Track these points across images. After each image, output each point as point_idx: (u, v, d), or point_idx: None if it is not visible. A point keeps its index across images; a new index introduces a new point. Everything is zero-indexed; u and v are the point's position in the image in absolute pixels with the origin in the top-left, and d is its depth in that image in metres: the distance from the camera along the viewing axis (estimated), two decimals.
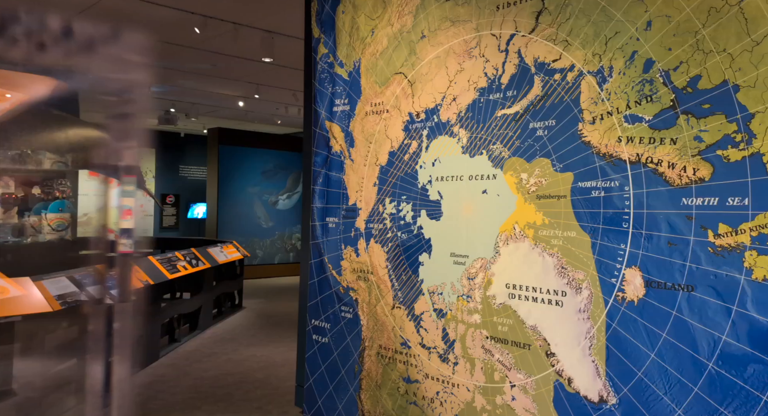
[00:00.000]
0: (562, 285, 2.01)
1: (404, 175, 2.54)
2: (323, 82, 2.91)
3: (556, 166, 2.04)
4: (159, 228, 12.34)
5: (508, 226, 2.17)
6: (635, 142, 1.85)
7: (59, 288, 3.68)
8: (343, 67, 2.81)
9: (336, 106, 2.84)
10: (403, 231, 2.54)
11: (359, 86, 2.73)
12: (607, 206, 1.91)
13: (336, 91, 2.84)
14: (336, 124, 2.84)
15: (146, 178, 12.36)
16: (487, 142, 2.24)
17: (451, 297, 2.35)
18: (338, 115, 2.83)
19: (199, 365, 4.89)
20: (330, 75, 2.87)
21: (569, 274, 1.99)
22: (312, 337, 2.93)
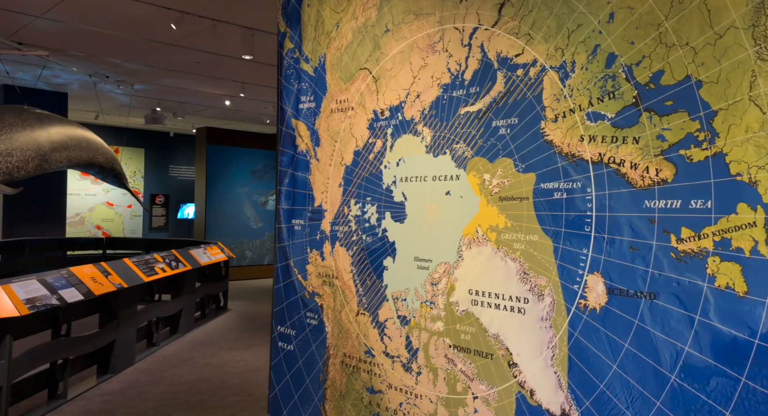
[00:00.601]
0: (525, 291, 1.96)
1: (369, 175, 2.48)
2: (289, 78, 2.86)
3: (519, 167, 1.99)
4: (148, 229, 12.33)
5: (471, 229, 2.12)
6: (597, 141, 1.79)
7: (29, 292, 3.64)
8: (308, 63, 2.76)
9: (302, 103, 2.79)
10: (367, 234, 2.49)
11: (325, 82, 2.68)
12: (569, 208, 1.86)
13: (302, 88, 2.79)
14: (302, 121, 2.80)
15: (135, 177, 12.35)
16: (451, 141, 2.19)
17: (414, 304, 2.30)
18: (304, 113, 2.78)
19: (176, 370, 4.85)
20: (296, 71, 2.82)
21: (531, 280, 1.94)
22: (278, 344, 2.88)
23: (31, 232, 8.29)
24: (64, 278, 4.06)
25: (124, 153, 12.13)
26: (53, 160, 6.28)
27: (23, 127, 5.83)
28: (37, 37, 5.99)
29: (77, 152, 6.60)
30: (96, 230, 11.61)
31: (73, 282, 4.09)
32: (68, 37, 5.96)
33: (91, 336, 4.32)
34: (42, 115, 6.21)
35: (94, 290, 4.21)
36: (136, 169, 12.23)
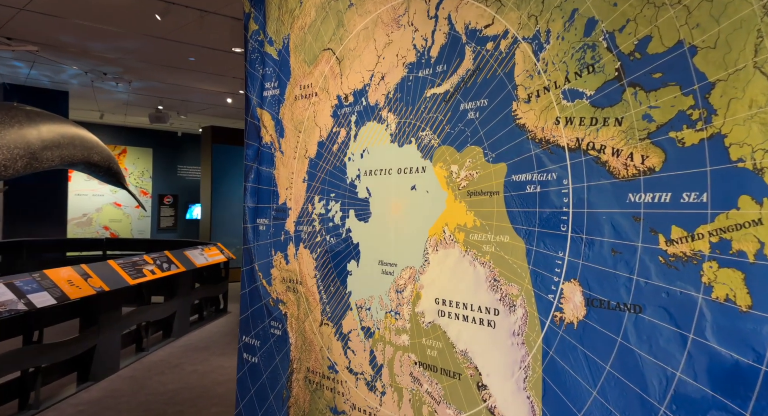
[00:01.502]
0: (495, 301, 1.73)
1: (333, 168, 2.28)
2: (254, 63, 2.67)
3: (489, 156, 1.76)
4: (156, 230, 12.34)
5: (437, 229, 1.90)
6: (575, 124, 1.55)
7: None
8: (272, 45, 2.57)
9: (266, 90, 2.61)
10: (331, 235, 2.28)
11: (288, 66, 2.49)
12: (543, 204, 1.62)
13: (266, 73, 2.60)
14: (266, 111, 2.61)
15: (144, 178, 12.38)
16: (417, 128, 1.97)
17: (379, 314, 2.08)
18: (268, 101, 2.59)
19: (161, 378, 4.72)
20: (260, 54, 2.63)
21: (502, 288, 1.71)
22: (243, 356, 2.69)
23: (32, 233, 8.31)
24: (35, 281, 3.96)
25: (132, 153, 12.18)
26: (44, 159, 6.22)
27: (11, 124, 5.77)
28: (25, 32, 5.96)
29: (70, 150, 6.54)
30: (104, 231, 11.68)
31: (45, 286, 3.98)
32: (55, 31, 5.91)
33: (66, 343, 4.21)
34: (32, 113, 6.16)
35: (70, 294, 4.10)
36: (145, 169, 12.27)
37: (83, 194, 11.37)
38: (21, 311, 3.61)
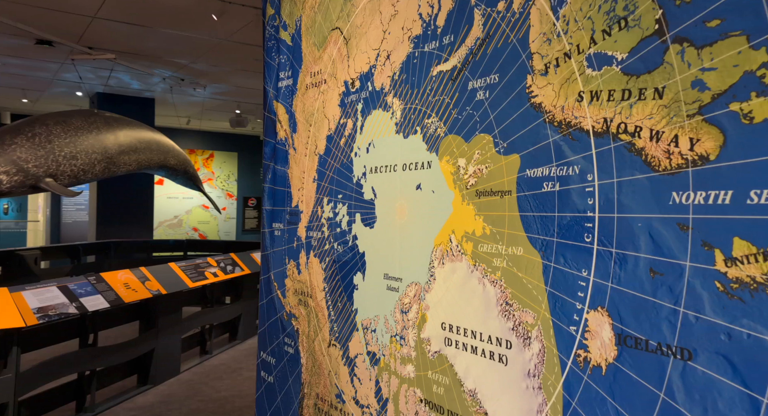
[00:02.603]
0: (507, 331, 1.38)
1: (340, 166, 2.02)
2: (270, 51, 2.48)
3: (500, 146, 1.41)
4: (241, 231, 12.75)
5: (443, 237, 1.58)
6: (602, 100, 1.18)
7: (43, 300, 3.64)
8: (286, 30, 2.36)
9: (281, 80, 2.40)
10: (339, 242, 2.02)
11: (301, 52, 2.26)
12: (563, 207, 1.26)
13: (281, 62, 2.40)
14: (281, 103, 2.40)
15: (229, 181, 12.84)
16: (422, 114, 1.66)
17: (384, 337, 1.80)
18: (283, 92, 2.39)
19: (217, 383, 4.70)
20: (276, 41, 2.43)
21: (515, 315, 1.36)
22: (261, 374, 2.50)
23: (122, 234, 8.82)
24: (90, 285, 4.05)
25: (219, 157, 12.67)
26: (121, 163, 6.49)
27: (89, 130, 6.04)
28: (102, 40, 6.25)
29: (147, 155, 6.79)
30: (193, 232, 12.24)
31: (100, 289, 4.07)
32: (128, 38, 6.15)
33: (121, 346, 4.29)
34: (111, 118, 6.45)
35: (125, 297, 4.16)
36: (230, 172, 12.74)
37: (174, 197, 11.99)
38: (72, 315, 3.69)
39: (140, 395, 4.46)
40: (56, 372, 3.72)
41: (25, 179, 5.26)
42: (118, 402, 4.29)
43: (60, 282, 3.91)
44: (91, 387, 4.06)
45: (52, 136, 5.58)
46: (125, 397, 4.38)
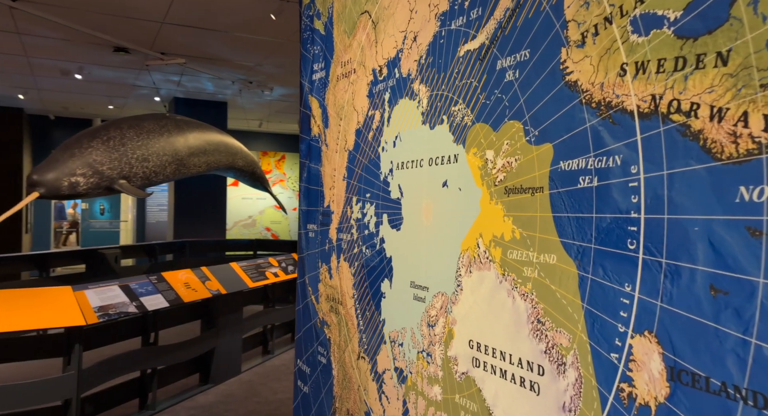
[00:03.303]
0: (539, 354, 1.17)
1: (368, 162, 1.86)
2: (306, 43, 2.36)
3: (530, 134, 1.20)
4: None
5: (470, 242, 1.38)
6: (649, 72, 0.95)
7: (105, 299, 3.72)
8: (320, 19, 2.22)
9: (314, 72, 2.27)
10: (367, 245, 1.86)
11: (332, 41, 2.12)
12: (602, 206, 1.03)
13: (315, 53, 2.27)
14: (315, 97, 2.27)
15: None
16: (449, 101, 1.47)
17: (411, 353, 1.61)
18: (316, 85, 2.25)
19: (275, 384, 4.68)
20: (311, 32, 2.31)
21: (548, 335, 1.14)
22: (297, 383, 2.39)
23: (197, 234, 9.12)
24: (151, 284, 4.12)
25: (290, 159, 12.86)
26: (191, 165, 6.64)
27: (161, 133, 6.22)
28: (171, 46, 6.43)
29: (216, 156, 6.92)
30: (266, 231, 12.51)
31: (161, 289, 4.13)
32: (195, 42, 6.28)
33: (181, 345, 4.34)
34: (181, 122, 6.62)
35: (184, 297, 4.21)
36: None
37: (248, 198, 12.30)
38: (131, 314, 3.76)
39: (201, 394, 4.51)
40: (118, 369, 3.80)
41: (100, 181, 5.48)
42: (179, 400, 4.35)
43: (122, 281, 4.00)
44: (152, 385, 4.13)
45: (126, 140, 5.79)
46: (187, 396, 4.44)
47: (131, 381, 4.12)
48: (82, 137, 5.51)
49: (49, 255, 6.88)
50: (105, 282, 3.90)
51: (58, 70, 7.83)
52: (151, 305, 3.92)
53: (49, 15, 5.49)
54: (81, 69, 7.61)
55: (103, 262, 7.30)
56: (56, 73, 8.00)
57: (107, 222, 18.10)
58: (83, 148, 5.41)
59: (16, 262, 6.63)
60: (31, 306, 3.44)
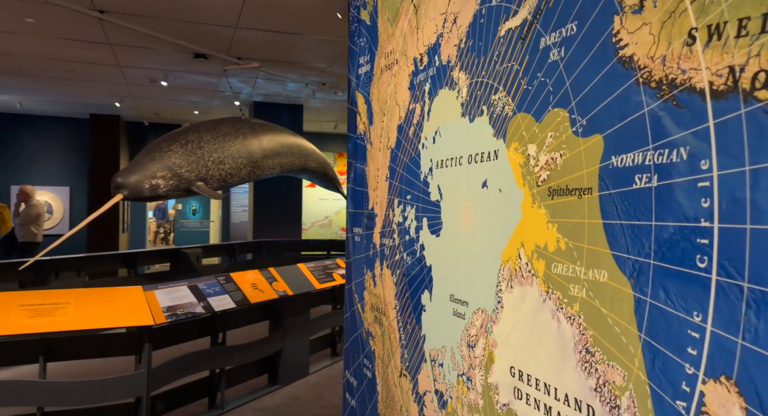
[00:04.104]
0: (588, 390, 0.95)
1: (409, 160, 1.69)
2: (353, 35, 2.22)
3: (577, 124, 0.99)
4: None
5: (511, 252, 1.18)
6: (726, 37, 0.72)
7: (173, 299, 3.78)
8: (366, 9, 2.08)
9: (360, 66, 2.13)
10: (408, 252, 1.69)
11: (377, 31, 1.97)
12: (663, 212, 0.81)
13: (361, 46, 2.13)
14: (360, 92, 2.13)
15: None
16: (489, 89, 1.27)
17: (451, 375, 1.43)
18: (362, 80, 2.11)
19: (340, 388, 4.59)
20: (358, 24, 2.17)
21: (599, 370, 0.93)
22: (345, 395, 2.26)
23: (275, 234, 9.30)
24: (219, 284, 4.15)
25: None
26: (265, 167, 6.74)
27: (236, 136, 6.35)
28: (247, 50, 6.54)
29: (289, 158, 6.99)
30: (341, 232, 12.58)
31: (228, 289, 4.16)
32: (268, 45, 6.35)
33: (248, 346, 4.35)
34: (256, 124, 6.73)
35: (251, 298, 4.22)
36: None
37: (325, 199, 12.42)
38: (198, 314, 3.80)
39: (268, 395, 4.51)
40: (186, 369, 3.85)
41: (179, 183, 5.64)
42: (247, 400, 4.36)
43: (191, 281, 4.06)
44: (220, 384, 4.16)
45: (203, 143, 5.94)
46: (254, 396, 4.45)
47: (201, 381, 4.17)
48: (163, 141, 5.70)
49: (137, 254, 7.22)
50: (174, 283, 3.97)
51: (147, 78, 8.22)
52: (218, 305, 3.94)
53: (133, 24, 5.73)
54: (166, 76, 7.94)
55: (185, 261, 7.57)
56: (145, 81, 8.40)
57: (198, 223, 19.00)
58: (163, 152, 5.59)
59: (109, 260, 7.01)
60: (105, 305, 3.54)
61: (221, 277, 4.26)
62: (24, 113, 11.56)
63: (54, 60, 7.33)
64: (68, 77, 8.32)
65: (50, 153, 12.04)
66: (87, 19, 5.64)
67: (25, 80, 8.58)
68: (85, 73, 8.06)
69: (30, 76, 8.30)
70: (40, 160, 11.95)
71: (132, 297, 3.64)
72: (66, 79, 8.48)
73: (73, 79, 8.47)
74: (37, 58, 7.25)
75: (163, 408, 3.91)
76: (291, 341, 4.74)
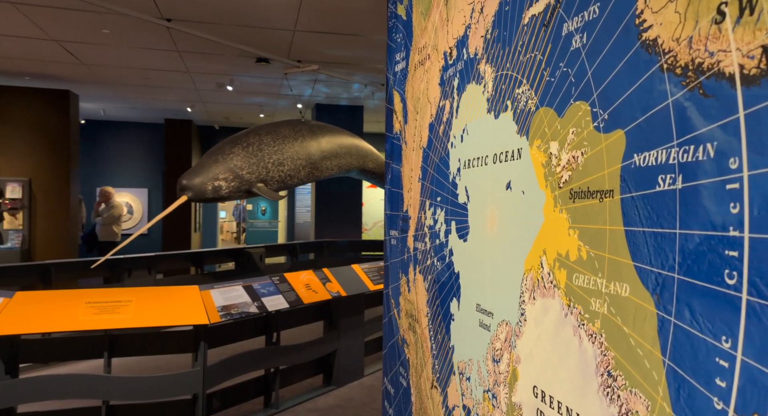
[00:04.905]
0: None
1: (439, 160, 1.60)
2: (391, 31, 2.16)
3: (599, 118, 0.88)
4: None
5: (534, 260, 1.07)
6: (760, 12, 0.61)
7: (228, 298, 3.85)
8: (402, 3, 2.01)
9: (396, 63, 2.06)
10: (438, 258, 1.61)
11: (411, 26, 1.90)
12: (688, 218, 0.70)
13: (397, 41, 2.06)
14: (397, 90, 2.06)
15: None
16: (513, 82, 1.17)
17: (477, 390, 1.34)
18: (398, 77, 2.04)
19: None
20: (395, 19, 2.10)
21: (621, 396, 0.82)
22: (384, 403, 2.20)
23: (336, 235, 9.38)
24: (273, 285, 4.20)
25: None
26: (324, 168, 6.79)
27: (295, 137, 6.44)
28: (306, 53, 6.62)
29: (347, 159, 7.02)
30: None
31: (282, 289, 4.19)
32: (326, 47, 6.39)
33: (302, 346, 4.37)
34: (315, 126, 6.81)
35: (304, 298, 4.24)
36: None
37: (382, 199, 12.48)
38: (252, 314, 3.85)
39: (323, 396, 4.52)
40: (240, 367, 3.92)
41: (240, 184, 5.77)
42: (301, 401, 4.39)
43: (246, 281, 4.12)
44: (275, 384, 4.21)
45: (263, 145, 6.05)
46: (309, 396, 4.47)
47: (257, 379, 4.23)
48: (225, 144, 5.85)
49: (204, 253, 7.47)
50: (230, 282, 4.05)
51: (215, 83, 8.50)
52: (271, 305, 3.98)
53: (197, 31, 5.92)
54: (232, 81, 8.18)
55: (249, 261, 7.75)
56: (213, 86, 8.69)
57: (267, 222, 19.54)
58: (225, 154, 5.73)
59: (177, 259, 7.28)
60: (163, 303, 3.66)
61: (276, 277, 4.31)
62: (107, 119, 12.27)
63: (130, 68, 7.71)
64: (143, 84, 8.73)
65: (130, 156, 12.73)
66: (156, 28, 5.88)
67: (107, 88, 9.08)
68: (158, 80, 8.43)
69: (110, 84, 8.77)
70: (121, 163, 12.66)
71: (189, 297, 3.74)
72: (141, 86, 8.91)
73: (148, 86, 8.88)
74: (115, 67, 7.64)
75: (219, 406, 3.99)
76: (345, 342, 4.73)
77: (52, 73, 8.01)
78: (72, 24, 5.80)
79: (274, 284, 4.22)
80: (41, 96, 8.56)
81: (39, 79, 8.34)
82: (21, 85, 8.54)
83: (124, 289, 3.78)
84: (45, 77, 8.21)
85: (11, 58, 7.20)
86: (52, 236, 8.75)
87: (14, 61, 7.36)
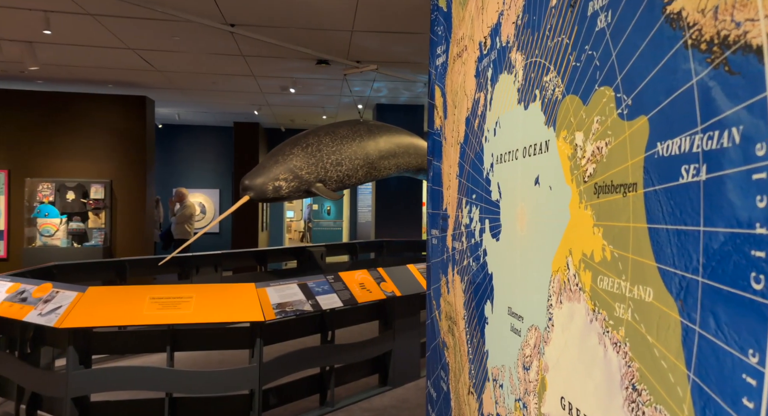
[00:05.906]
0: None
1: (474, 156, 1.53)
2: (433, 25, 2.10)
3: (623, 104, 0.80)
4: None
5: (560, 260, 0.99)
6: None
7: (283, 296, 3.91)
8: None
9: (438, 57, 2.00)
10: (473, 258, 1.54)
11: (451, 18, 1.83)
12: (713, 214, 0.61)
13: (438, 34, 2.00)
14: (438, 85, 2.00)
15: None
16: (541, 69, 1.10)
17: (509, 399, 1.26)
18: (439, 72, 1.98)
19: None
20: (437, 12, 2.04)
21: (645, 413, 0.74)
22: (428, 407, 2.14)
23: (395, 234, 9.38)
24: (327, 283, 4.22)
25: None
26: (381, 167, 6.79)
27: (353, 138, 6.47)
28: (365, 53, 6.63)
29: (405, 159, 6.98)
30: None
31: (336, 288, 4.21)
32: (384, 47, 6.37)
33: (356, 345, 4.37)
34: (373, 126, 6.81)
35: (358, 297, 4.23)
36: None
37: None
38: (306, 312, 3.88)
39: (378, 396, 4.50)
40: (295, 365, 3.96)
41: (300, 184, 5.86)
42: (357, 400, 4.39)
43: (301, 280, 4.17)
44: (330, 382, 4.23)
45: (322, 146, 6.12)
46: (364, 396, 4.47)
47: (312, 377, 4.27)
48: (285, 145, 5.96)
49: (267, 252, 7.64)
50: (286, 280, 4.11)
51: (279, 87, 8.69)
52: (325, 304, 4.00)
53: (260, 35, 6.06)
54: (294, 83, 8.33)
55: (310, 259, 7.87)
56: (277, 89, 8.89)
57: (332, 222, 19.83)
58: (285, 155, 5.84)
59: (242, 257, 7.49)
60: (221, 300, 3.76)
61: (330, 276, 4.33)
62: (181, 124, 12.82)
63: (199, 73, 8.01)
64: (212, 89, 9.06)
65: (203, 158, 13.26)
66: (221, 34, 6.07)
67: (180, 93, 9.49)
68: (225, 85, 8.71)
69: (182, 89, 9.16)
70: (194, 164, 13.21)
71: (245, 294, 3.82)
72: (211, 91, 9.25)
73: (217, 90, 9.20)
74: (185, 73, 7.96)
75: (276, 402, 4.05)
76: (401, 342, 4.70)
77: (130, 80, 8.45)
78: (145, 32, 6.08)
79: (329, 283, 4.24)
80: (121, 102, 9.04)
81: (120, 87, 8.82)
82: (104, 92, 9.07)
83: (186, 286, 3.91)
84: (125, 84, 8.67)
85: (97, 67, 7.64)
86: (131, 234, 9.21)
87: (98, 70, 7.82)
